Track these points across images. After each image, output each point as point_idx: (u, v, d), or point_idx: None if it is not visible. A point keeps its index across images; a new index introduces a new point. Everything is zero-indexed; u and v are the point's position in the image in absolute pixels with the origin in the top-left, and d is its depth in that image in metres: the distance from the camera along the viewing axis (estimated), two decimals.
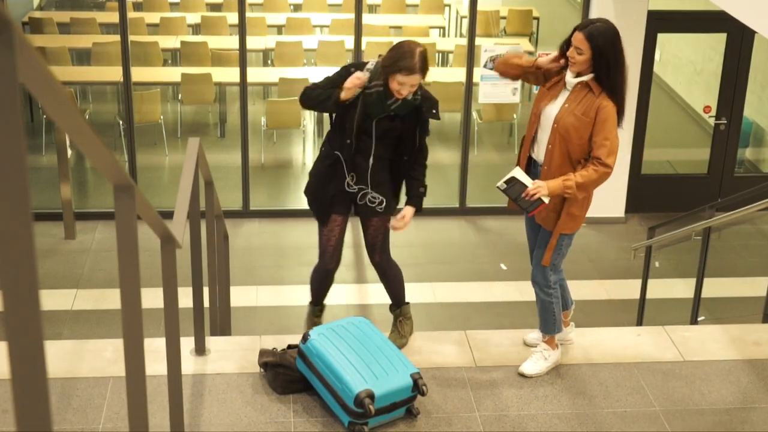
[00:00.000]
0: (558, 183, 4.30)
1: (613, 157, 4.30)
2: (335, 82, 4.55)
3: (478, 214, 9.30)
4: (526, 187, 4.33)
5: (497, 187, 4.43)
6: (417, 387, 4.30)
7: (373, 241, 4.85)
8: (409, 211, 4.72)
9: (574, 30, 4.30)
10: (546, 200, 4.32)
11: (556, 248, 4.56)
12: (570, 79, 4.35)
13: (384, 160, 4.68)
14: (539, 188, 4.30)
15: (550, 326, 4.71)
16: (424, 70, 4.41)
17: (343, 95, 4.49)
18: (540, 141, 4.47)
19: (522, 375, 4.69)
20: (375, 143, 4.60)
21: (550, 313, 4.69)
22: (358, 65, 4.63)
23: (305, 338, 4.44)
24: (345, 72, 4.57)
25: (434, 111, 4.63)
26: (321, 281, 5.02)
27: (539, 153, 4.48)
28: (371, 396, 4.16)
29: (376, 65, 4.53)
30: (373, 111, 4.54)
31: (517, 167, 4.48)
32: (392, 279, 4.97)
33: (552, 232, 4.52)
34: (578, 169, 4.33)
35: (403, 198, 4.84)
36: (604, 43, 4.21)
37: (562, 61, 4.38)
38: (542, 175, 4.41)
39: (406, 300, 5.04)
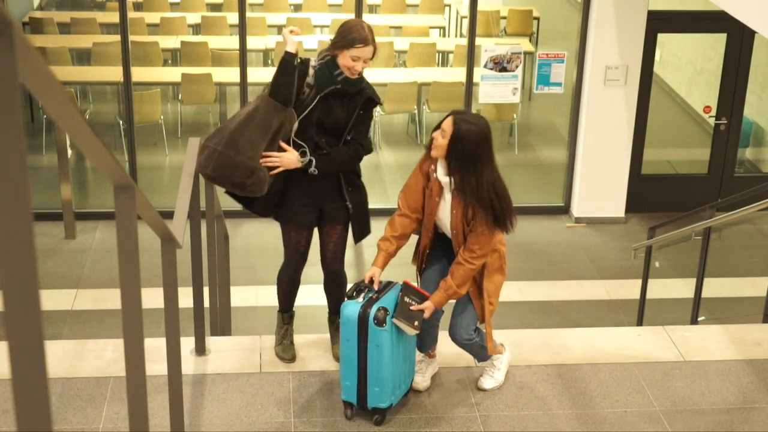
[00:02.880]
0: (441, 295, 4.29)
1: (487, 248, 4.25)
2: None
3: None
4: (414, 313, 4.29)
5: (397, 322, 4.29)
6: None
7: (335, 250, 4.68)
8: (291, 153, 4.42)
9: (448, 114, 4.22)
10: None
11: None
12: (443, 178, 4.25)
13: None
14: (427, 310, 4.29)
15: (484, 354, 4.57)
16: (374, 42, 4.33)
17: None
18: (442, 231, 4.43)
19: (482, 389, 4.62)
20: (322, 137, 4.44)
21: (478, 347, 4.51)
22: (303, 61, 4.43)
23: (380, 321, 4.19)
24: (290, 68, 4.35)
25: (377, 98, 4.50)
26: (289, 284, 4.81)
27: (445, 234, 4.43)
28: (389, 408, 4.39)
29: (321, 53, 4.43)
30: (320, 83, 4.38)
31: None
32: (341, 286, 4.78)
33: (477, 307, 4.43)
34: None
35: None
36: (468, 137, 4.09)
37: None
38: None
39: None
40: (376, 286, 4.36)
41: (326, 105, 4.41)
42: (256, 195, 4.45)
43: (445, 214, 4.31)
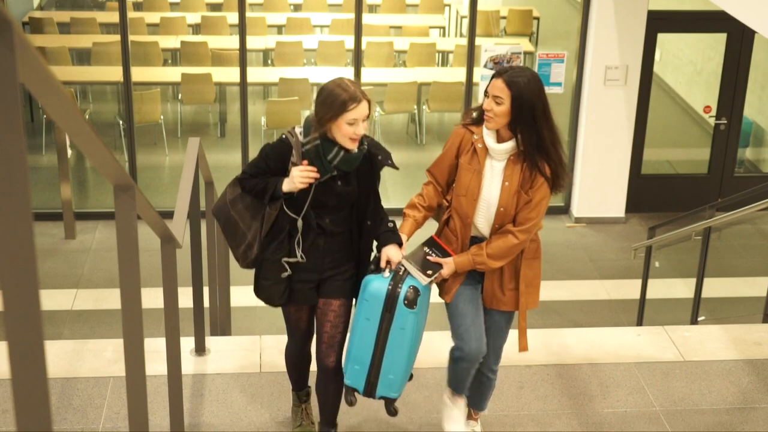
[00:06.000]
0: (467, 258, 3.76)
1: (539, 220, 3.75)
2: (261, 168, 3.75)
3: None
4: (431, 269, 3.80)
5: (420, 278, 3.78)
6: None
7: (333, 332, 3.87)
8: (390, 250, 3.79)
9: (492, 78, 3.63)
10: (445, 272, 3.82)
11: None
12: (494, 146, 3.69)
13: (338, 235, 3.85)
14: (446, 266, 3.80)
15: (486, 403, 4.21)
16: (365, 94, 3.61)
17: (290, 188, 3.67)
18: (478, 222, 3.81)
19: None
20: (324, 218, 3.79)
21: (489, 390, 4.14)
22: (280, 143, 3.75)
23: (411, 302, 3.69)
24: (272, 152, 3.75)
25: (390, 161, 3.80)
26: (298, 361, 4.16)
27: (481, 231, 3.84)
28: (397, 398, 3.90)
29: (306, 122, 3.71)
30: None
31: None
32: (337, 390, 3.99)
33: (512, 312, 3.95)
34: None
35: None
36: (529, 92, 3.54)
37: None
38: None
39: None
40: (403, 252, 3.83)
41: (323, 188, 3.72)
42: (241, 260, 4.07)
43: (493, 188, 3.74)
